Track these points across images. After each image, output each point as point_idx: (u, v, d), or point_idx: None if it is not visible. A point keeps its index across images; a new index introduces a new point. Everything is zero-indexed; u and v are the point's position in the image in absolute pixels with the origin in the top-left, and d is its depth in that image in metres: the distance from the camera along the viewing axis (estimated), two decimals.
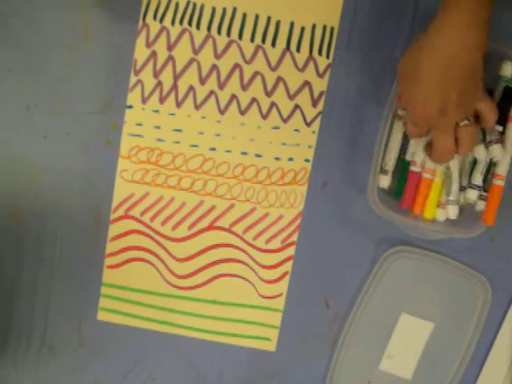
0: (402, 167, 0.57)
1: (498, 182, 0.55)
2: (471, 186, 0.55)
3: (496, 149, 0.53)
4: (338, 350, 0.60)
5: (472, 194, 0.55)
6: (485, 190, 0.55)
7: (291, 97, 0.58)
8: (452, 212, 0.55)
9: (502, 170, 0.55)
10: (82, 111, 0.59)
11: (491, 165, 0.55)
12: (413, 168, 0.56)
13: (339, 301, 0.60)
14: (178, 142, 0.59)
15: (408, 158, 0.56)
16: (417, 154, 0.56)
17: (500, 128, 0.54)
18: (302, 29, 0.58)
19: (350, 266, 0.60)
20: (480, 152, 0.54)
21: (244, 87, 0.58)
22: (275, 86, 0.58)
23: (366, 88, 0.58)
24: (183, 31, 0.58)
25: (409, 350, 0.60)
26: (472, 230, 0.55)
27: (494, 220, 0.55)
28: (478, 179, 0.55)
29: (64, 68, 0.58)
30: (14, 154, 0.59)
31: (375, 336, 0.60)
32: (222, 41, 0.58)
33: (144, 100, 0.59)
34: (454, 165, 0.55)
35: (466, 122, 0.48)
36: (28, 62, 0.58)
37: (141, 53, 0.58)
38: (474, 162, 0.56)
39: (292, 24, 0.58)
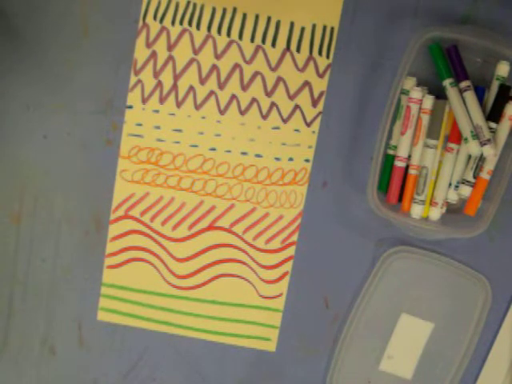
0: (385, 161, 0.57)
1: (485, 176, 0.55)
2: (464, 182, 0.56)
3: (489, 148, 0.53)
4: (337, 350, 0.60)
5: (465, 190, 0.56)
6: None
7: (291, 97, 0.58)
8: (417, 211, 0.56)
9: (490, 165, 0.55)
10: (82, 111, 0.59)
11: (480, 159, 0.55)
12: (397, 163, 0.56)
13: (339, 301, 0.60)
14: (178, 142, 0.59)
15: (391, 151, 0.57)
16: (401, 148, 0.56)
17: (494, 125, 0.55)
18: (302, 29, 0.58)
19: (350, 265, 0.60)
20: (474, 149, 0.54)
21: (244, 87, 0.58)
22: (275, 86, 0.58)
23: (366, 88, 0.58)
24: (183, 31, 0.58)
25: (409, 350, 0.60)
26: (472, 230, 0.55)
27: (475, 211, 0.56)
28: (469, 175, 0.55)
29: (64, 68, 0.58)
30: (14, 154, 0.59)
31: (375, 336, 0.60)
32: (222, 41, 0.58)
33: (144, 100, 0.59)
34: (430, 164, 0.55)
35: None
36: (28, 62, 0.58)
37: (141, 53, 0.58)
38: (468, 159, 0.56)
39: (292, 24, 0.58)
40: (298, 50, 0.58)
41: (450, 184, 0.57)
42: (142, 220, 0.60)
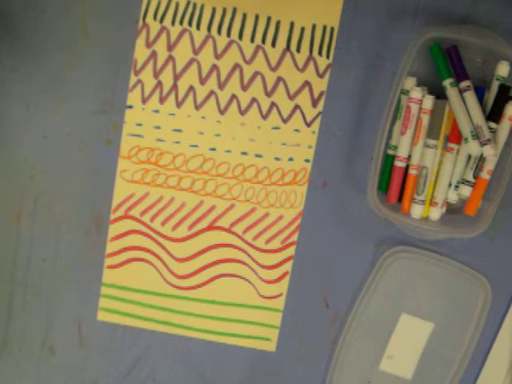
0: (385, 161, 0.57)
1: (485, 176, 0.55)
2: (464, 182, 0.56)
3: (489, 148, 0.53)
4: (337, 350, 0.60)
5: (465, 190, 0.56)
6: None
7: (291, 97, 0.58)
8: (417, 211, 0.56)
9: (490, 165, 0.55)
10: (82, 111, 0.59)
11: (480, 159, 0.55)
12: (397, 163, 0.56)
13: (339, 301, 0.60)
14: (178, 142, 0.59)
15: (391, 152, 0.57)
16: (401, 148, 0.56)
17: (494, 125, 0.55)
18: (302, 29, 0.58)
19: (349, 265, 0.60)
20: (474, 149, 0.54)
21: (244, 87, 0.58)
22: (275, 86, 0.58)
23: (366, 88, 0.58)
24: (183, 31, 0.58)
25: (409, 350, 0.60)
26: (472, 230, 0.55)
27: (475, 211, 0.56)
28: (469, 175, 0.56)
29: (64, 68, 0.58)
30: (14, 153, 0.59)
31: (375, 336, 0.60)
32: (221, 41, 0.58)
33: (144, 100, 0.59)
34: (430, 164, 0.55)
35: None
36: (28, 62, 0.58)
37: (141, 53, 0.58)
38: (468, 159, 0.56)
39: (292, 24, 0.58)
40: (298, 49, 0.58)
41: (450, 184, 0.57)
42: (142, 220, 0.60)
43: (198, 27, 0.58)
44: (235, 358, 0.61)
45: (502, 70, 0.55)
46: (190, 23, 0.58)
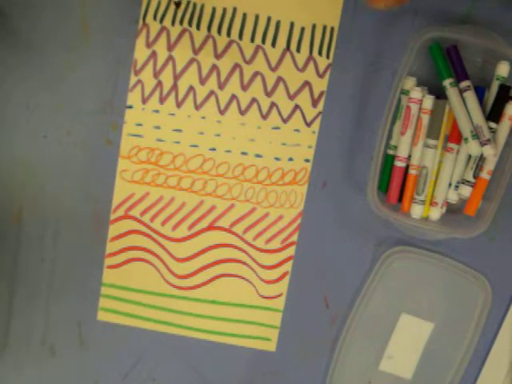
0: (385, 161, 0.57)
1: (485, 176, 0.55)
2: (464, 182, 0.56)
3: (489, 148, 0.53)
4: (337, 350, 0.60)
5: (465, 190, 0.56)
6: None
7: (291, 97, 0.58)
8: (417, 211, 0.56)
9: (490, 165, 0.55)
10: (82, 111, 0.59)
11: (480, 159, 0.55)
12: (397, 163, 0.56)
13: (339, 301, 0.60)
14: (178, 142, 0.59)
15: (390, 152, 0.57)
16: (401, 148, 0.56)
17: (494, 125, 0.55)
18: (302, 29, 0.58)
19: (349, 265, 0.60)
20: (474, 149, 0.54)
21: (244, 87, 0.58)
22: (275, 86, 0.58)
23: (366, 88, 0.58)
24: (183, 31, 0.58)
25: (409, 349, 0.60)
26: (472, 230, 0.55)
27: (475, 211, 0.56)
28: (469, 175, 0.56)
29: (64, 68, 0.58)
30: (14, 154, 0.59)
31: (375, 336, 0.60)
32: (221, 41, 0.58)
33: (144, 100, 0.59)
34: (430, 164, 0.55)
35: None
36: (28, 62, 0.58)
37: (141, 53, 0.58)
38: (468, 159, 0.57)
39: (292, 24, 0.58)
40: (298, 49, 0.58)
41: (450, 184, 0.57)
42: (142, 220, 0.60)
43: (198, 27, 0.58)
44: (235, 357, 0.61)
45: (502, 70, 0.55)
46: (189, 23, 0.58)
